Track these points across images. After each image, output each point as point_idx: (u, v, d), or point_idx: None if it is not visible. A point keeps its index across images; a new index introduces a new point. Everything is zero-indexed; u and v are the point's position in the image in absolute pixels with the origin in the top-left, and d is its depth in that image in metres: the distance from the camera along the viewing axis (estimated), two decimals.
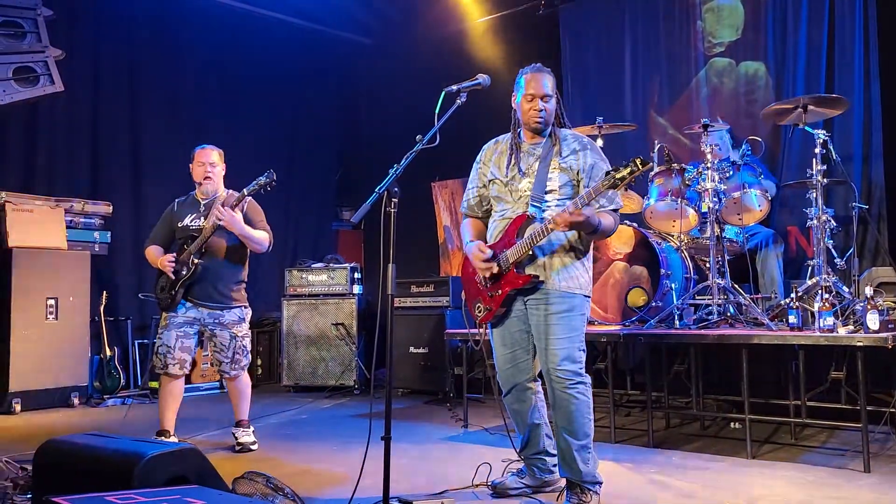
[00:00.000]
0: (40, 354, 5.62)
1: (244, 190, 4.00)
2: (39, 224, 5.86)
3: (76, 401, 5.81)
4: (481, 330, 3.15)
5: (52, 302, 5.75)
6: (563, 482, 3.03)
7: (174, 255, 4.09)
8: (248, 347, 4.21)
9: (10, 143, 6.27)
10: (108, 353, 6.20)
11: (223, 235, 4.05)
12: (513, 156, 3.04)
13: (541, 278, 2.89)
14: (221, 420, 4.86)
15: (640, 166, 2.55)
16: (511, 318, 3.03)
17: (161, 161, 7.05)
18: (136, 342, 6.59)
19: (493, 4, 7.30)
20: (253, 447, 4.11)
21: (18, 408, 5.45)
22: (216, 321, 4.08)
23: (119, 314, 6.57)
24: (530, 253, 2.87)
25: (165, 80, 7.22)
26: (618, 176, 2.59)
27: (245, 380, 4.22)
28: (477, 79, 2.83)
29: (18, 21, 4.70)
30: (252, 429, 4.22)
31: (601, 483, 2.92)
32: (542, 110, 2.95)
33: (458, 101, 2.78)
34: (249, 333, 4.24)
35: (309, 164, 8.44)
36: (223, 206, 3.99)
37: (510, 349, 3.08)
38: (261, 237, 4.12)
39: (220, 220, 3.94)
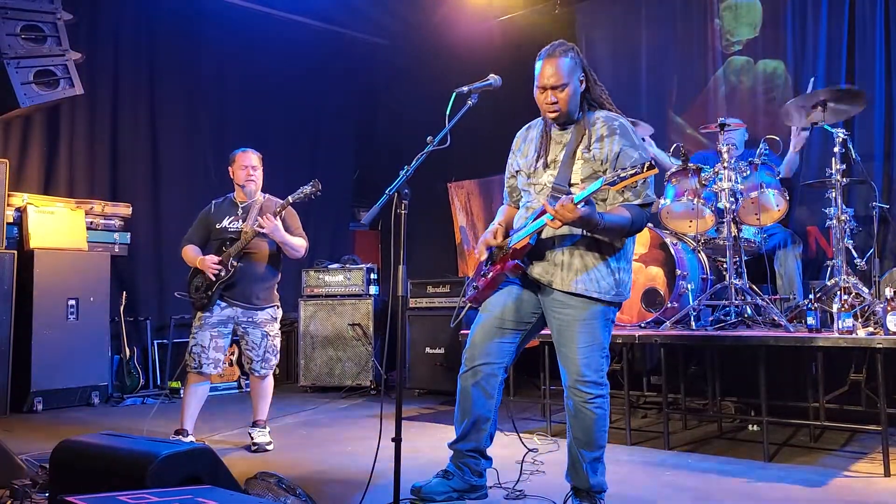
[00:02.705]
0: (61, 354, 5.69)
1: (288, 198, 4.14)
2: (60, 225, 5.94)
3: (96, 400, 5.88)
4: (465, 306, 2.96)
5: (72, 302, 5.82)
6: (485, 489, 2.95)
7: (218, 257, 4.12)
8: (279, 347, 4.28)
9: (32, 145, 6.36)
10: (128, 353, 6.27)
11: (263, 240, 4.15)
12: (541, 145, 2.83)
13: (556, 279, 2.70)
14: (237, 420, 4.90)
15: (644, 170, 2.39)
16: (521, 293, 2.82)
17: (180, 163, 7.13)
18: (155, 342, 6.66)
19: (509, 4, 7.28)
20: (269, 447, 4.13)
21: (40, 406, 5.53)
22: (249, 319, 4.16)
23: (139, 314, 6.64)
24: (531, 243, 2.69)
25: (184, 83, 7.29)
26: (621, 174, 2.42)
27: (270, 380, 4.28)
28: (488, 79, 2.80)
29: (39, 25, 4.75)
30: (268, 429, 4.26)
31: (606, 490, 2.83)
32: (554, 103, 2.71)
33: (470, 102, 2.74)
34: (280, 334, 4.31)
35: (326, 165, 8.48)
36: (267, 214, 4.09)
37: (499, 320, 2.83)
38: (299, 244, 4.25)
39: (262, 227, 4.03)
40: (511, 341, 2.86)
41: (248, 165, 4.27)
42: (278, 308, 4.31)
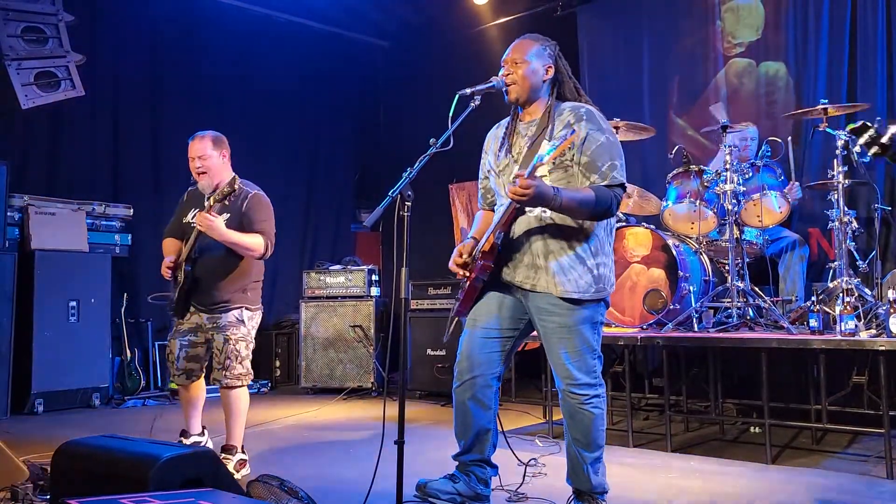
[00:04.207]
0: (62, 356, 5.68)
1: (209, 200, 3.56)
2: (61, 227, 5.93)
3: (97, 402, 5.87)
4: (452, 323, 3.01)
5: (73, 304, 5.82)
6: (489, 500, 2.92)
7: (172, 259, 3.74)
8: (245, 354, 3.64)
9: (33, 146, 6.35)
10: (129, 354, 6.26)
11: (219, 243, 3.61)
12: (505, 140, 2.82)
13: (537, 284, 2.68)
14: (248, 421, 4.87)
15: (566, 137, 2.41)
16: (505, 300, 2.81)
17: (181, 163, 6.96)
18: (156, 344, 6.65)
19: (510, 6, 7.29)
20: (238, 475, 3.53)
21: (41, 408, 5.52)
22: (214, 325, 3.65)
23: (140, 316, 6.63)
24: (497, 242, 2.68)
25: (186, 84, 7.29)
26: (541, 151, 2.41)
27: (240, 397, 3.65)
28: (490, 81, 2.79)
29: (40, 27, 4.77)
30: (240, 457, 3.64)
31: (608, 491, 2.83)
32: (508, 74, 2.75)
33: (472, 104, 2.73)
34: (249, 338, 3.69)
35: (328, 166, 8.48)
36: (201, 212, 3.57)
37: (485, 330, 2.81)
38: (251, 243, 3.60)
39: (199, 226, 3.53)
40: (500, 350, 2.84)
41: (195, 157, 3.71)
42: (248, 310, 3.69)
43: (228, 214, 3.65)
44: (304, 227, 8.21)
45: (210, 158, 3.72)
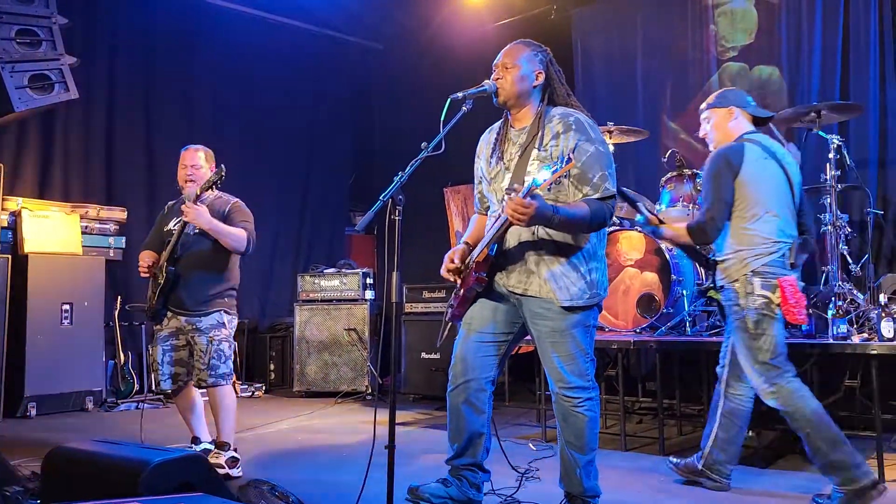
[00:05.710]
0: (55, 359, 5.66)
1: (196, 189, 3.77)
2: (55, 230, 5.92)
3: (91, 405, 5.85)
4: (446, 327, 3.02)
5: (67, 307, 5.80)
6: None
7: (150, 260, 3.85)
8: (228, 354, 3.79)
9: (27, 150, 6.34)
10: (123, 358, 6.25)
11: (202, 241, 3.77)
12: (497, 146, 2.82)
13: (529, 289, 2.70)
14: (241, 425, 4.87)
15: (563, 164, 2.39)
16: (499, 305, 2.81)
17: (175, 167, 7.05)
18: (150, 347, 6.61)
19: (505, 9, 7.30)
20: (230, 471, 3.61)
21: (34, 412, 5.51)
22: (194, 327, 3.75)
23: (133, 319, 6.61)
24: (490, 254, 2.70)
25: (180, 87, 7.28)
26: (536, 175, 2.41)
27: (227, 393, 3.76)
28: (483, 85, 2.79)
29: (34, 29, 4.74)
30: (231, 455, 3.69)
31: (601, 495, 2.81)
32: (498, 78, 2.77)
33: (464, 107, 2.73)
34: (231, 340, 3.84)
35: (323, 170, 8.49)
36: (188, 203, 3.73)
37: (480, 334, 2.82)
38: (236, 233, 3.75)
39: (185, 215, 3.69)
40: (494, 353, 2.85)
41: (187, 165, 3.92)
42: (227, 314, 3.83)
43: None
44: (299, 230, 8.20)
45: (200, 169, 3.93)
